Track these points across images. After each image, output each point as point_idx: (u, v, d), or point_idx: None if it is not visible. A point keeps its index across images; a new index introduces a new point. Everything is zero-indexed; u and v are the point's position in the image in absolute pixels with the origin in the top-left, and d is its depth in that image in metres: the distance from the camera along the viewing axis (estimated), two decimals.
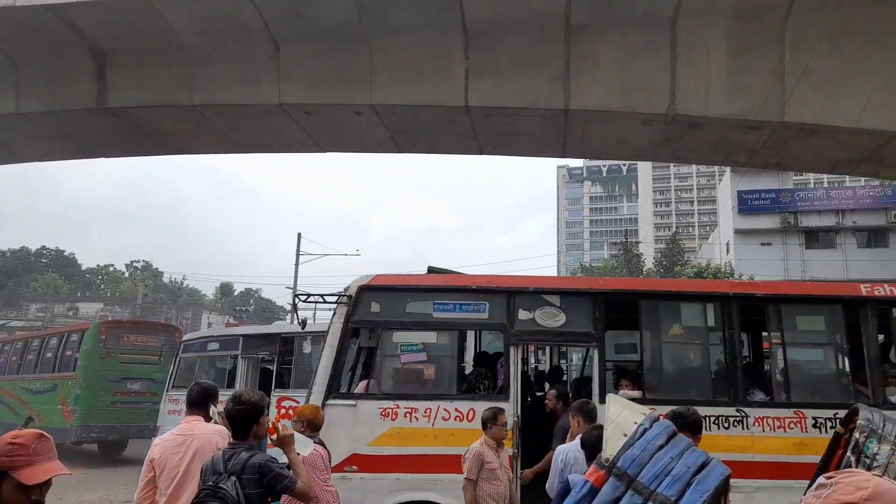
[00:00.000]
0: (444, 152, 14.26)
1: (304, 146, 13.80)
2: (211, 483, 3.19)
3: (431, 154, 14.84)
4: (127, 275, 72.88)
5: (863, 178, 31.36)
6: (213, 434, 3.86)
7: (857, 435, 3.31)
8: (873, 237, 38.25)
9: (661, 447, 2.26)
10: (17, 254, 70.39)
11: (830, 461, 3.46)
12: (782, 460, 6.20)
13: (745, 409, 6.41)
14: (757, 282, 6.48)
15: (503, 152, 13.70)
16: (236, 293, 77.54)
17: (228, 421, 3.49)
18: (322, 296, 6.64)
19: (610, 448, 2.34)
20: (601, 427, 3.27)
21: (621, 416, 2.52)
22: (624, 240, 45.10)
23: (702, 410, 5.50)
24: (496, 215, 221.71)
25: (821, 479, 1.30)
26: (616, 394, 6.02)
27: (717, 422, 6.33)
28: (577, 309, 6.82)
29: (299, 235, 33.67)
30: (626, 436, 2.34)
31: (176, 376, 13.46)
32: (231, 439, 3.48)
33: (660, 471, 2.17)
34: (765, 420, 6.40)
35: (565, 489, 3.51)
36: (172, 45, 11.36)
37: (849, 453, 3.33)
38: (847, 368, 7.06)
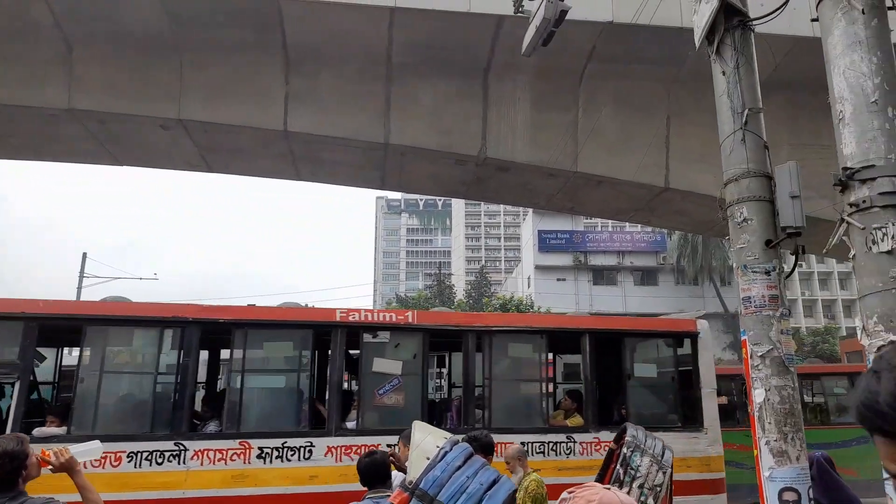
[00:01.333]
0: (259, 175, 13.73)
1: (98, 158, 12.41)
2: None
3: (245, 176, 14.20)
4: None
5: (639, 225, 36.10)
6: None
7: (624, 450, 3.79)
8: (646, 276, 43.97)
9: (459, 468, 2.43)
10: None
11: (605, 474, 3.89)
12: (218, 495, 5.99)
13: (185, 443, 6.05)
14: (225, 306, 6.68)
15: (322, 180, 13.54)
16: None
17: None
18: None
19: (413, 471, 2.49)
20: (372, 453, 3.37)
21: (425, 441, 2.68)
22: (438, 271, 46.71)
23: (134, 446, 5.81)
24: (316, 241, 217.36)
25: (564, 494, 1.47)
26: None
27: (149, 457, 5.90)
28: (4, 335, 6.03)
29: (84, 255, 29.93)
30: (428, 459, 2.49)
31: None
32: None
33: (457, 489, 2.35)
34: (205, 453, 6.08)
35: None
36: None
37: (618, 466, 3.80)
38: (309, 394, 6.98)
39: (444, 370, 9.83)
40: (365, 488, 3.20)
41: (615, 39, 10.76)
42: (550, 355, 9.01)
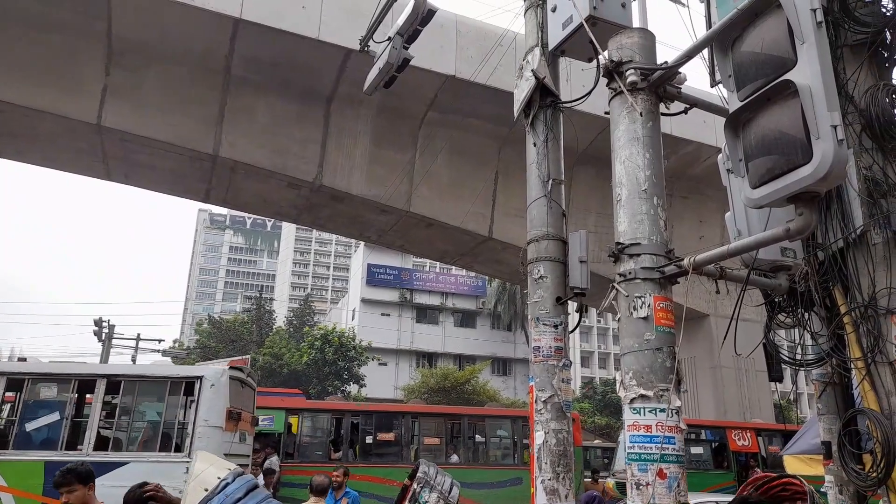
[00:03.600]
0: (60, 169, 12.28)
1: None
2: None
3: (44, 168, 12.62)
4: None
5: (463, 269, 37.83)
6: None
7: (415, 486, 3.93)
8: (466, 318, 45.90)
9: (240, 500, 2.39)
10: None
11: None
12: None
13: None
14: None
15: (136, 184, 12.47)
16: None
17: None
18: None
19: (190, 502, 2.40)
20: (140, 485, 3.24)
21: (206, 471, 2.58)
22: (259, 294, 44.74)
23: None
24: (119, 248, 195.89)
25: None
26: None
27: None
28: None
29: None
30: (206, 490, 2.42)
31: None
32: None
33: None
34: None
35: None
36: None
37: (408, 502, 3.92)
38: None
39: None
40: None
41: (455, 92, 11.37)
42: None
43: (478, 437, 14.91)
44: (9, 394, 9.30)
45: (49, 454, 8.97)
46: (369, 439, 14.35)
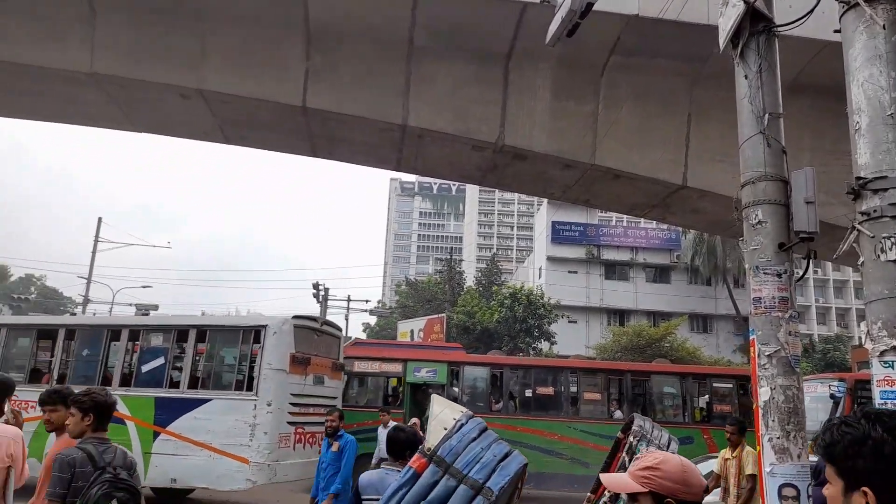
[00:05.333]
0: (275, 150, 13.77)
1: (117, 123, 12.50)
2: (109, 475, 3.11)
3: (261, 150, 14.25)
4: None
5: (654, 221, 35.84)
6: (5, 437, 3.62)
7: (631, 439, 3.90)
8: (659, 274, 43.69)
9: (474, 439, 2.59)
10: None
11: (612, 462, 3.97)
12: None
13: None
14: None
15: (337, 158, 13.56)
16: (13, 278, 67.38)
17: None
18: None
19: (432, 439, 2.63)
20: (401, 429, 3.80)
21: (442, 412, 2.80)
22: (449, 256, 46.71)
23: None
24: (324, 221, 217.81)
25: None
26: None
27: None
28: None
29: (99, 220, 30.30)
30: (445, 429, 2.64)
31: None
32: (91, 433, 3.34)
33: (472, 459, 2.50)
34: None
35: None
36: None
37: (624, 455, 3.90)
38: None
39: None
40: None
41: (640, 33, 10.62)
42: None
43: (644, 393, 14.64)
44: (134, 343, 11.24)
45: (157, 391, 10.79)
46: (529, 392, 14.73)
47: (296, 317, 11.16)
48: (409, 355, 15.14)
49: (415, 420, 10.48)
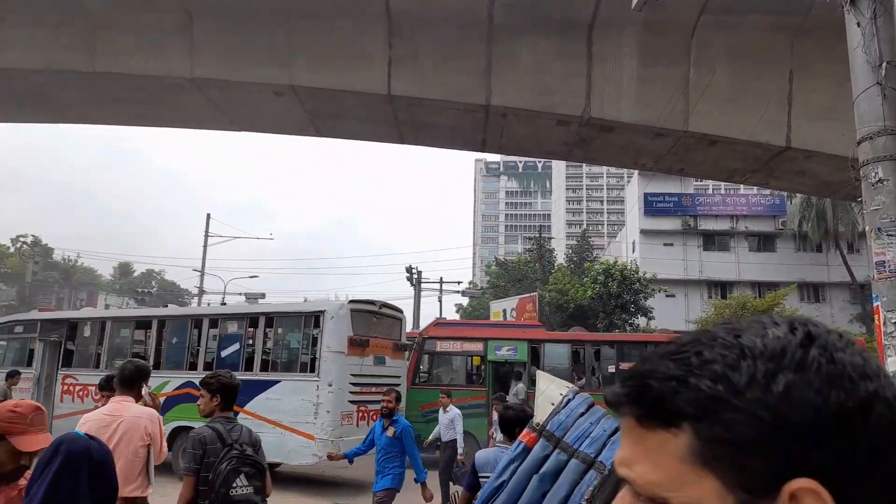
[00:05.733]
0: (364, 139, 14.13)
1: (216, 123, 13.26)
2: (237, 452, 3.36)
3: (350, 140, 14.65)
4: (12, 250, 67.02)
5: (755, 187, 33.79)
6: (142, 418, 3.88)
7: None
8: (763, 242, 41.28)
9: (582, 414, 2.61)
10: None
11: None
12: None
13: None
14: None
15: (424, 143, 13.73)
16: (136, 274, 73.30)
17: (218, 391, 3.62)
18: None
19: (540, 414, 2.68)
20: (510, 408, 3.87)
21: (549, 388, 2.84)
22: (538, 235, 46.26)
23: None
24: (414, 205, 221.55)
25: None
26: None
27: None
28: None
29: (208, 216, 32.34)
30: (553, 405, 2.68)
31: None
32: (220, 412, 3.62)
33: (581, 433, 2.51)
34: None
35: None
36: (70, 4, 10.59)
37: None
38: None
39: None
40: None
41: None
42: None
43: None
44: (213, 330, 12.20)
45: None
46: (612, 368, 14.53)
47: (352, 301, 11.73)
48: (489, 334, 15.31)
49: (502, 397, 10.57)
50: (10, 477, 2.14)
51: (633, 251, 42.51)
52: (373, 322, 11.98)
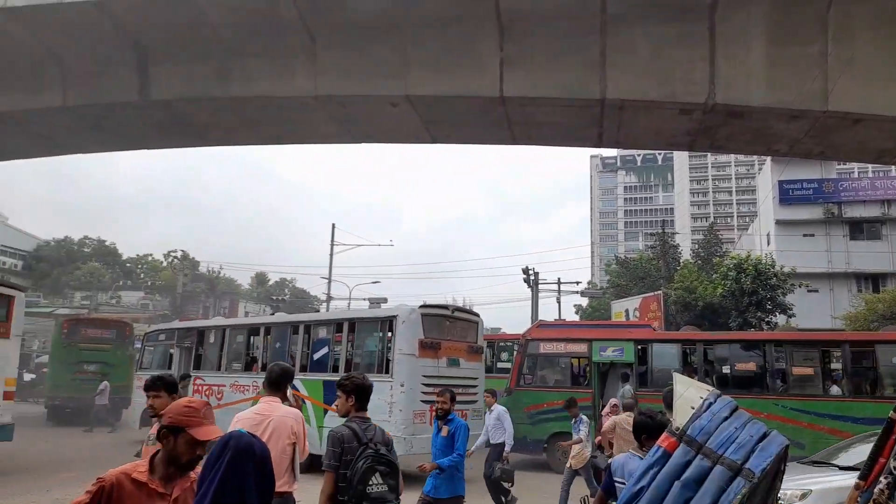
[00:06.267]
0: (477, 142, 14.25)
1: (338, 137, 13.93)
2: (372, 451, 3.51)
3: (465, 144, 14.83)
4: (165, 264, 74.44)
5: None
6: (289, 417, 4.17)
7: None
8: None
9: (726, 419, 2.48)
10: (61, 243, 72.35)
11: (884, 446, 3.46)
12: None
13: None
14: None
15: (537, 142, 13.63)
16: (271, 283, 78.89)
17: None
18: None
19: (679, 419, 2.58)
20: (653, 412, 3.77)
21: (687, 391, 2.73)
22: (660, 231, 44.24)
23: None
24: (529, 205, 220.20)
25: None
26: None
27: None
28: None
29: (333, 226, 34.12)
30: (693, 409, 2.57)
31: (142, 360, 17.80)
32: (355, 412, 3.80)
33: (726, 439, 2.39)
34: None
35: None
36: (208, 38, 11.58)
37: None
38: None
39: None
40: None
41: None
42: None
43: (870, 366, 12.69)
44: (304, 336, 13.19)
45: (323, 375, 12.25)
46: (727, 369, 13.63)
47: (423, 305, 12.33)
48: (594, 335, 15.03)
49: (613, 401, 10.13)
50: (186, 467, 2.40)
51: (768, 244, 39.53)
52: (446, 325, 12.48)
